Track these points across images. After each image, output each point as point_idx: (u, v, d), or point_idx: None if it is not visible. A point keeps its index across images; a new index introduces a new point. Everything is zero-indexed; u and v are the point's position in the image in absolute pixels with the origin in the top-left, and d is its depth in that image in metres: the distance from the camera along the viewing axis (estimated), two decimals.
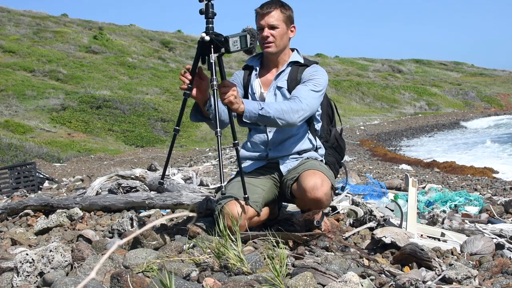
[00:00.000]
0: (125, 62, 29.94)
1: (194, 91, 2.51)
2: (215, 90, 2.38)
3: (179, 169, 7.09)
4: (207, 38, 2.40)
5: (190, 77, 2.48)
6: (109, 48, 32.73)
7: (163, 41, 39.40)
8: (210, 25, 2.42)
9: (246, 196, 2.53)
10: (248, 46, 2.45)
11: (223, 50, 2.41)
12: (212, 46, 2.40)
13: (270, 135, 2.79)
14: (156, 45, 38.36)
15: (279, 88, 2.78)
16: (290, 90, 2.75)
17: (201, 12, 2.42)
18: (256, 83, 2.84)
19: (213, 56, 2.40)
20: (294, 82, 2.75)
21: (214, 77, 2.40)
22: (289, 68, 2.81)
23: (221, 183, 2.39)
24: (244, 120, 2.50)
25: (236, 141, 2.52)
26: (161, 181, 2.66)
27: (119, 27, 42.23)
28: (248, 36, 2.45)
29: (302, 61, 2.82)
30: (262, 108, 2.49)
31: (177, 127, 2.54)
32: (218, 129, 2.40)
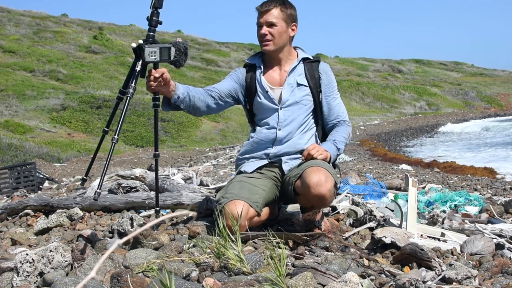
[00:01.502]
0: (125, 62, 29.94)
1: (161, 88, 2.55)
2: (128, 97, 2.41)
3: (179, 169, 7.09)
4: (134, 45, 2.43)
5: (157, 75, 2.49)
6: (109, 48, 32.74)
7: (163, 41, 39.28)
8: (151, 33, 2.46)
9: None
10: (171, 59, 2.44)
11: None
12: (138, 54, 2.44)
13: (280, 133, 2.80)
14: None
15: (299, 84, 2.81)
16: (311, 87, 2.81)
17: (147, 18, 2.45)
18: (264, 80, 2.84)
19: (139, 64, 2.43)
20: (313, 80, 2.82)
21: (133, 84, 2.42)
22: (302, 65, 2.83)
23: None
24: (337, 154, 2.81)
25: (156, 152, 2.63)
26: (84, 177, 2.64)
27: (119, 27, 42.26)
28: (173, 49, 2.44)
29: (311, 57, 2.87)
30: (339, 149, 2.78)
31: (107, 129, 2.57)
32: None
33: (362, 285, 1.87)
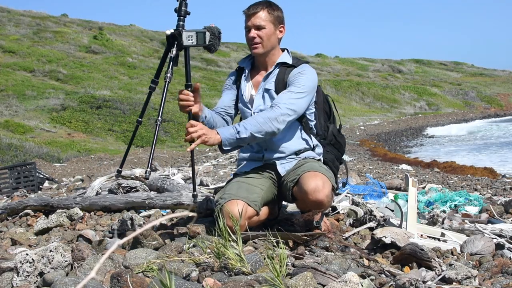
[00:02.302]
0: (125, 62, 29.96)
1: (194, 107, 2.55)
2: (167, 82, 2.45)
3: (179, 169, 7.09)
4: (168, 32, 2.46)
5: (191, 93, 2.53)
6: (109, 48, 32.75)
7: (163, 41, 39.22)
8: (181, 23, 2.48)
9: (195, 193, 2.66)
10: (206, 43, 2.48)
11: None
12: (174, 41, 2.46)
13: None
14: (156, 45, 38.38)
15: (267, 90, 2.77)
16: (277, 91, 2.72)
17: (175, 10, 2.47)
18: (247, 85, 2.84)
19: (174, 51, 2.46)
20: (281, 84, 2.73)
21: (170, 69, 2.46)
22: (277, 70, 2.78)
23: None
24: (225, 148, 2.53)
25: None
26: (120, 169, 2.63)
27: (119, 27, 42.25)
28: (208, 34, 2.48)
29: (290, 61, 2.78)
30: (238, 131, 2.50)
31: (140, 119, 2.57)
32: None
33: (362, 285, 1.87)
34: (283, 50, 2.85)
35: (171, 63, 2.47)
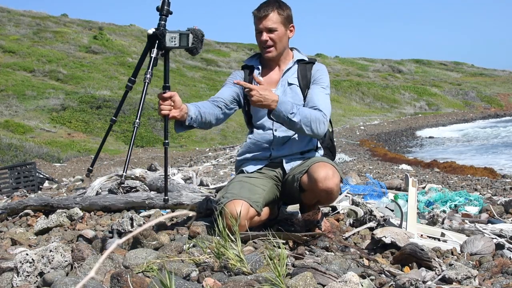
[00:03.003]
0: (125, 62, 29.94)
1: (172, 112, 2.51)
2: (146, 83, 2.40)
3: (179, 169, 7.09)
4: (150, 31, 2.40)
5: (167, 98, 2.49)
6: (109, 48, 32.74)
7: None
8: (162, 22, 2.43)
9: (166, 198, 2.64)
10: (189, 45, 2.44)
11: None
12: (155, 41, 2.40)
13: (277, 134, 2.79)
14: None
15: (289, 84, 2.79)
16: (301, 87, 2.77)
17: (157, 9, 2.44)
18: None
19: (155, 51, 2.40)
20: (305, 80, 2.78)
21: (150, 70, 2.40)
22: (296, 66, 2.82)
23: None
24: (271, 117, 2.55)
25: (166, 141, 2.59)
26: (90, 168, 2.58)
27: (119, 27, 42.24)
28: (191, 36, 2.44)
29: (307, 59, 2.86)
30: (293, 113, 2.53)
31: (114, 118, 2.53)
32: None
33: (362, 285, 1.87)
34: (291, 49, 2.89)
35: (151, 63, 2.41)
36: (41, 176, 6.88)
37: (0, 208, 4.02)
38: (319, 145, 2.90)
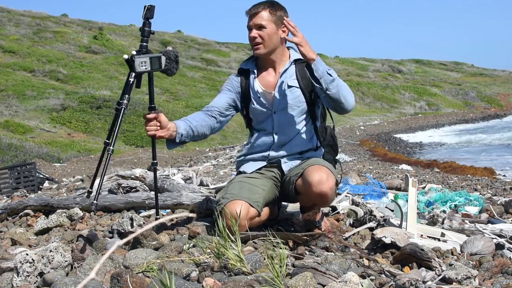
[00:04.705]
0: (125, 62, 29.92)
1: (159, 132, 2.52)
2: (122, 109, 2.39)
3: (179, 169, 7.09)
4: (125, 56, 2.41)
5: (152, 119, 2.48)
6: (109, 48, 32.72)
7: (163, 41, 39.41)
8: (144, 44, 2.43)
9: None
10: (162, 67, 2.43)
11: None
12: (130, 66, 2.41)
13: (276, 137, 2.79)
14: (156, 45, 38.33)
15: (289, 86, 2.76)
16: (302, 87, 2.75)
17: (139, 29, 2.45)
18: (257, 85, 2.82)
19: (132, 75, 2.40)
20: (305, 80, 2.73)
21: (126, 95, 2.40)
22: (294, 66, 2.79)
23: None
24: (314, 74, 2.51)
25: (155, 161, 2.67)
26: (90, 190, 2.57)
27: (119, 27, 42.27)
28: (163, 58, 2.43)
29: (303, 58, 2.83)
30: (331, 69, 2.54)
31: (108, 140, 2.45)
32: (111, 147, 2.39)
33: (362, 285, 1.87)
34: (288, 49, 2.85)
35: (127, 88, 2.40)
36: (41, 176, 6.88)
37: (0, 208, 4.02)
38: (319, 144, 2.88)
